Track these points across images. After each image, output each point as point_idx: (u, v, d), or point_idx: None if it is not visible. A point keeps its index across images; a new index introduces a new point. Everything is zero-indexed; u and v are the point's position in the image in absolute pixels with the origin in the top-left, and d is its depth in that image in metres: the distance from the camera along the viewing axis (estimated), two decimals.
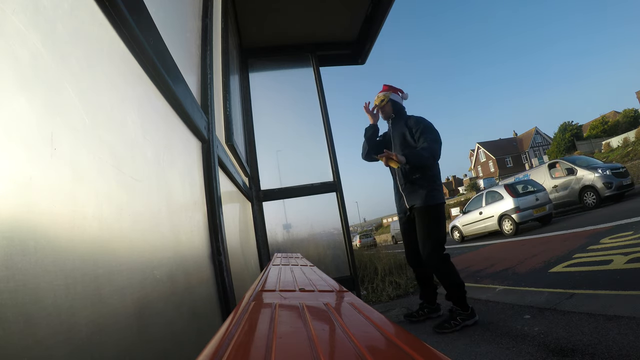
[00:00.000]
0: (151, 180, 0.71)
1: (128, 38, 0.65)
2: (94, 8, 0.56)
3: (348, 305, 0.52)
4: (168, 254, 0.74)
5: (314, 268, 1.18)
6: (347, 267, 2.90)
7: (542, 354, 1.56)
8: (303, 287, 0.70)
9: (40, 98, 0.40)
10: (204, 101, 1.29)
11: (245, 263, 1.89)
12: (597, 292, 2.22)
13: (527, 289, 2.73)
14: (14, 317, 0.31)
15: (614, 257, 2.99)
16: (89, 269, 0.44)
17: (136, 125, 0.67)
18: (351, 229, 3.10)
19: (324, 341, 0.33)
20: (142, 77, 0.73)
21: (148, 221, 0.66)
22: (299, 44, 3.26)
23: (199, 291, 0.92)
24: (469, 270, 4.37)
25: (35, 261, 0.35)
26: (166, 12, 0.95)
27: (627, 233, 3.91)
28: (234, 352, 0.28)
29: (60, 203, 0.40)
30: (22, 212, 0.35)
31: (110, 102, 0.58)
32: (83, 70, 0.50)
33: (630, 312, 1.77)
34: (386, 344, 0.32)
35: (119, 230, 0.54)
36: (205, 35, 1.41)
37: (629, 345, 1.44)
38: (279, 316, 0.42)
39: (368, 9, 2.97)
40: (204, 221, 1.11)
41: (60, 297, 0.38)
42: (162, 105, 0.85)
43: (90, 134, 0.49)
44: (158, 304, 0.65)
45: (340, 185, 2.99)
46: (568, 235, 5.12)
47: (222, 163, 1.44)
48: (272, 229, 2.88)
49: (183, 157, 0.98)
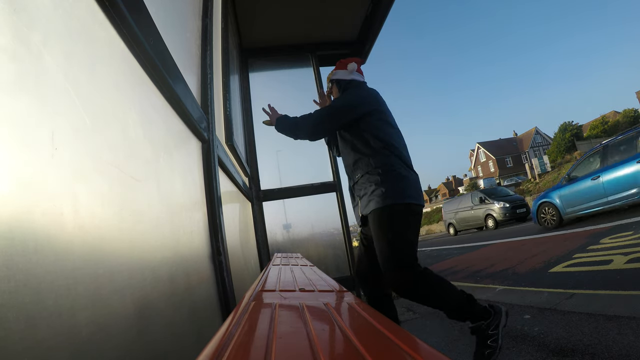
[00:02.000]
0: (151, 180, 0.71)
1: (128, 38, 0.65)
2: (94, 8, 0.56)
3: (348, 305, 0.52)
4: (168, 254, 0.74)
5: (314, 268, 1.18)
6: (347, 267, 2.90)
7: (542, 354, 1.56)
8: (303, 287, 0.70)
9: (41, 98, 0.40)
10: (204, 101, 1.29)
11: (245, 263, 1.89)
12: (597, 292, 2.22)
13: (527, 289, 2.73)
14: (15, 317, 0.31)
15: (614, 257, 3.00)
16: (89, 269, 0.44)
17: (136, 125, 0.67)
18: (351, 229, 3.09)
19: (324, 341, 0.33)
20: (142, 77, 0.73)
21: (148, 221, 0.66)
22: (299, 44, 3.26)
23: (199, 291, 0.92)
24: (469, 270, 4.37)
25: (36, 261, 0.35)
26: (166, 12, 0.95)
27: (627, 233, 3.91)
28: (234, 352, 0.28)
29: (61, 203, 0.40)
30: (23, 212, 0.35)
31: (111, 102, 0.58)
32: (83, 70, 0.50)
33: (630, 312, 1.77)
34: (386, 344, 0.32)
35: (119, 230, 0.54)
36: (205, 35, 1.41)
37: (629, 345, 1.44)
38: (279, 316, 0.42)
39: (368, 9, 2.97)
40: (204, 221, 1.11)
41: (60, 297, 0.38)
42: (162, 105, 0.85)
43: (90, 134, 0.49)
44: (158, 304, 0.65)
45: (340, 185, 2.99)
46: (568, 235, 5.12)
47: (222, 163, 1.44)
48: (272, 229, 2.88)
49: (183, 157, 0.98)
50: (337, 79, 1.84)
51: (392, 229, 1.44)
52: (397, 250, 1.42)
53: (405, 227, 1.46)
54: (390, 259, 1.42)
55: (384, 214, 1.46)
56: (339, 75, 1.85)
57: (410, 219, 1.50)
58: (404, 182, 1.52)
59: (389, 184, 1.50)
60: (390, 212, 1.46)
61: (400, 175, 1.52)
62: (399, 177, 1.52)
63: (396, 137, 1.63)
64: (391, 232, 1.44)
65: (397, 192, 1.49)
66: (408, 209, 1.49)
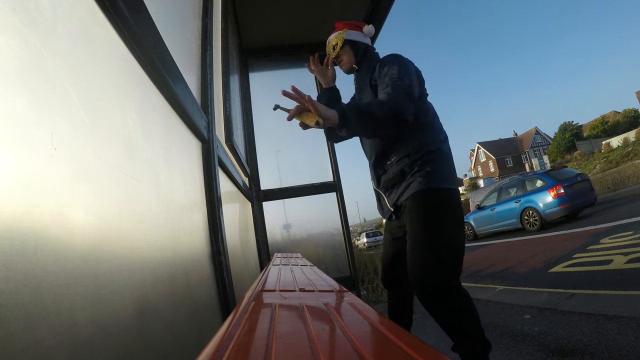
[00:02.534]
0: (151, 180, 0.71)
1: (128, 38, 0.65)
2: (94, 8, 0.56)
3: (348, 305, 0.52)
4: (168, 254, 0.74)
5: (314, 268, 1.18)
6: (347, 267, 2.90)
7: (542, 354, 1.56)
8: (303, 287, 0.70)
9: (40, 98, 0.40)
10: (204, 101, 1.29)
11: (245, 263, 1.89)
12: (597, 292, 2.22)
13: (527, 289, 2.73)
14: (14, 317, 0.31)
15: (614, 257, 3.00)
16: (89, 269, 0.44)
17: (136, 125, 0.67)
18: (351, 229, 3.09)
19: (324, 341, 0.33)
20: (142, 77, 0.73)
21: (148, 221, 0.66)
22: (299, 44, 3.26)
23: (199, 291, 0.92)
24: (469, 270, 4.36)
25: (36, 261, 0.35)
26: (166, 12, 0.95)
27: (627, 233, 3.91)
28: (234, 352, 0.28)
29: (60, 203, 0.40)
30: (22, 212, 0.34)
31: (110, 102, 0.58)
32: (83, 70, 0.50)
33: (630, 312, 1.77)
34: (386, 344, 0.32)
35: (118, 230, 0.54)
36: (205, 35, 1.41)
37: (629, 345, 1.44)
38: (279, 316, 0.42)
39: (368, 8, 2.97)
40: (204, 221, 1.11)
41: (60, 297, 0.38)
42: (162, 105, 0.85)
43: (90, 134, 0.49)
44: (158, 304, 0.65)
45: (340, 185, 2.99)
46: (568, 235, 5.12)
47: (222, 163, 1.44)
48: (272, 229, 2.88)
49: (183, 157, 0.98)
50: (354, 39, 1.45)
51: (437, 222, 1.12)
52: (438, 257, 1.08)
53: (454, 222, 1.14)
54: (425, 265, 1.08)
55: (427, 198, 1.14)
56: (356, 37, 1.46)
57: (459, 211, 1.17)
58: (450, 163, 1.22)
59: (436, 163, 1.19)
60: (437, 198, 1.14)
61: (448, 155, 1.23)
62: (448, 156, 1.23)
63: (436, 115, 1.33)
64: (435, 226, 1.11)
65: (446, 174, 1.18)
66: (457, 198, 1.17)
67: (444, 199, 1.14)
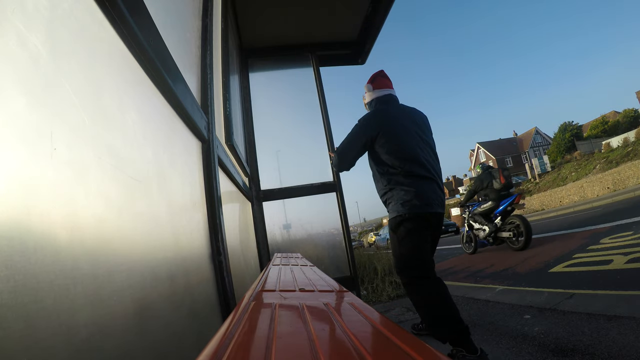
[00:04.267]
0: (151, 180, 0.71)
1: (128, 38, 0.65)
2: (94, 8, 0.56)
3: (348, 305, 0.52)
4: (168, 254, 0.74)
5: (313, 268, 1.18)
6: (347, 267, 2.90)
7: (542, 354, 1.56)
8: (303, 287, 0.70)
9: (40, 98, 0.40)
10: (204, 101, 1.29)
11: (245, 263, 1.89)
12: (597, 292, 2.22)
13: (527, 289, 2.73)
14: (14, 317, 0.31)
15: (614, 257, 3.00)
16: (89, 269, 0.44)
17: (136, 125, 0.67)
18: (351, 229, 3.08)
19: (324, 341, 0.33)
20: (142, 77, 0.73)
21: (148, 221, 0.66)
22: (299, 44, 3.26)
23: (199, 291, 0.92)
24: (469, 270, 4.36)
25: (35, 261, 0.35)
26: (166, 12, 0.95)
27: (627, 233, 3.91)
28: (234, 352, 0.28)
29: (60, 203, 0.40)
30: (22, 212, 0.34)
31: (110, 102, 0.58)
32: (83, 70, 0.50)
33: (630, 312, 1.77)
34: (386, 344, 0.32)
35: (118, 230, 0.54)
36: (205, 35, 1.41)
37: (629, 345, 1.44)
38: (279, 316, 0.42)
39: (368, 9, 2.97)
40: (204, 221, 1.11)
41: (60, 297, 0.38)
42: (162, 105, 0.85)
43: (90, 134, 0.49)
44: (158, 304, 0.65)
45: (340, 185, 2.99)
46: (568, 235, 5.12)
47: (222, 163, 1.44)
48: (272, 229, 2.88)
49: (183, 157, 0.98)
50: (365, 102, 2.02)
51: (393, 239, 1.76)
52: (395, 257, 1.75)
53: (403, 236, 1.70)
54: (394, 263, 1.78)
55: (390, 225, 1.78)
56: (366, 99, 2.01)
57: (412, 228, 1.68)
58: (407, 195, 1.71)
59: (394, 200, 1.75)
60: (394, 224, 1.73)
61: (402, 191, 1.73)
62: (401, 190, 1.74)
63: (402, 152, 1.74)
64: (393, 241, 1.76)
65: (398, 205, 1.72)
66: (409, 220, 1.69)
67: (397, 223, 1.73)
